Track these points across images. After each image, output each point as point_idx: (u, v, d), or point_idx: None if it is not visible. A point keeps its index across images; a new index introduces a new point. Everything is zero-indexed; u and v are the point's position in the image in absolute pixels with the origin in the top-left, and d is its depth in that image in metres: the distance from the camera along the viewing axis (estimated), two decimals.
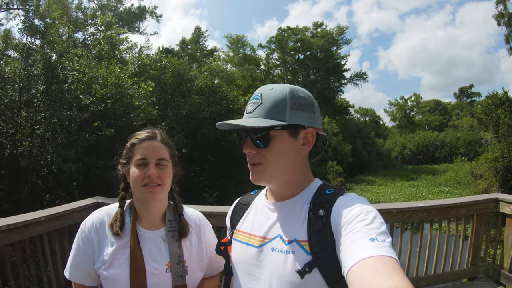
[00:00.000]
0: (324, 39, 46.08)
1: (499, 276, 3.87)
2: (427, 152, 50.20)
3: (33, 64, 9.33)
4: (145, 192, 1.39)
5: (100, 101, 10.14)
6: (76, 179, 9.78)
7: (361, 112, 71.03)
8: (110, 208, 1.50)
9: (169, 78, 15.06)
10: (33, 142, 8.75)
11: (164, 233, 1.48)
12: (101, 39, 11.79)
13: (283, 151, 1.07)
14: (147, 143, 1.44)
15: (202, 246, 1.59)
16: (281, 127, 1.04)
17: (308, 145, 1.09)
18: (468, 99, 72.60)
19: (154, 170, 1.40)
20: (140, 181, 1.39)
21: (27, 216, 2.94)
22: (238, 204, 1.35)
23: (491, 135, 18.01)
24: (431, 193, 21.72)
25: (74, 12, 23.94)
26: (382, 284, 0.69)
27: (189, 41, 41.79)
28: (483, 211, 4.00)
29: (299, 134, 1.07)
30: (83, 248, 1.42)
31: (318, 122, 1.11)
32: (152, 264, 1.39)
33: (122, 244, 1.38)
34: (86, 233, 1.42)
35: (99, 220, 1.44)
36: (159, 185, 1.41)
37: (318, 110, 1.12)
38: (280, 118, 1.04)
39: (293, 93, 1.07)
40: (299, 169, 1.12)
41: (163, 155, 1.45)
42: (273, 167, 1.08)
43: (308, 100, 1.09)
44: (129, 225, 1.43)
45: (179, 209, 1.58)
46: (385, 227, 0.88)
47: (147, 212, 1.48)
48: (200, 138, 15.78)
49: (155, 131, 1.52)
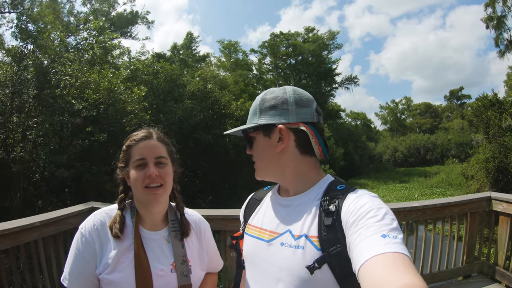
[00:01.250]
0: (315, 44, 46.36)
1: (494, 273, 3.92)
2: (418, 154, 50.65)
3: (25, 69, 9.23)
4: (148, 194, 1.37)
5: (92, 106, 10.05)
6: (69, 185, 9.69)
7: (352, 116, 71.31)
8: (110, 209, 1.45)
9: (161, 83, 15.02)
10: (25, 148, 8.65)
11: (167, 234, 1.46)
12: (93, 44, 11.72)
13: (261, 149, 1.17)
14: (143, 143, 1.41)
15: (203, 245, 1.58)
16: (253, 129, 1.17)
17: (283, 141, 1.12)
18: (458, 101, 73.24)
19: (154, 169, 1.37)
20: (141, 182, 1.36)
21: (22, 222, 2.90)
22: (251, 199, 1.41)
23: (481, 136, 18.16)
24: (423, 195, 21.87)
25: (66, 16, 23.85)
26: (394, 281, 0.69)
27: (180, 47, 41.70)
28: (476, 209, 4.06)
29: (272, 132, 1.13)
30: (83, 253, 1.33)
31: (296, 116, 1.12)
32: (157, 266, 1.36)
33: (125, 247, 1.33)
34: (87, 236, 1.33)
35: (99, 222, 1.37)
36: (161, 185, 1.39)
37: (296, 104, 1.13)
38: (253, 121, 1.17)
39: (264, 96, 1.18)
40: (288, 165, 1.15)
41: (161, 153, 1.43)
42: (259, 164, 1.20)
43: (279, 99, 1.14)
44: (131, 226, 1.39)
45: (180, 208, 1.56)
46: (397, 223, 0.88)
47: (149, 213, 1.44)
48: (193, 143, 15.74)
49: (150, 130, 1.49)
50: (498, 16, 23.69)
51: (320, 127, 1.16)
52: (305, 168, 1.15)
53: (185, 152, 14.73)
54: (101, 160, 9.89)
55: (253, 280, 1.15)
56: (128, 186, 1.47)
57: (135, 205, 1.46)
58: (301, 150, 1.15)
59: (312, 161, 1.17)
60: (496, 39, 24.50)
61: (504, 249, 3.84)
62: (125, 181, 1.47)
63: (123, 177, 1.47)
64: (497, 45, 24.68)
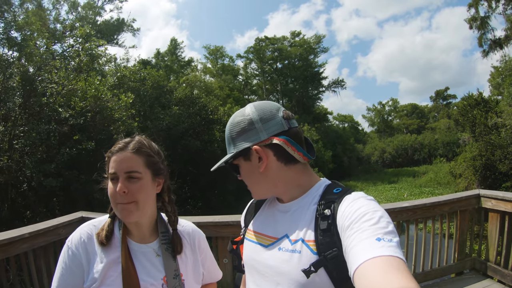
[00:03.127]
0: (301, 48, 46.65)
1: (486, 269, 3.98)
2: (406, 155, 51.10)
3: (10, 77, 9.12)
4: (120, 211, 1.27)
5: (79, 114, 9.98)
6: (57, 194, 9.57)
7: (340, 119, 71.79)
8: (98, 221, 1.37)
9: (148, 89, 14.96)
10: (11, 157, 8.54)
11: (157, 246, 1.37)
12: (80, 51, 11.63)
13: (247, 173, 1.17)
14: (116, 155, 1.29)
15: (198, 257, 1.50)
16: (232, 158, 1.16)
17: (263, 160, 1.11)
18: (444, 101, 74.14)
19: (123, 185, 1.25)
20: (113, 199, 1.26)
21: (11, 234, 2.86)
22: (251, 204, 1.40)
23: (468, 135, 18.41)
24: (413, 195, 22.05)
25: (52, 24, 23.61)
26: (388, 285, 0.69)
27: (164, 53, 41.48)
28: (466, 207, 4.11)
29: (250, 155, 1.13)
30: (70, 267, 1.26)
31: (266, 131, 1.11)
32: (147, 280, 1.28)
33: (113, 259, 1.25)
34: (73, 250, 1.27)
35: (86, 234, 1.30)
36: (134, 201, 1.26)
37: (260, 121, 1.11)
38: (230, 151, 1.17)
39: (231, 124, 1.18)
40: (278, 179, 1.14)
41: (132, 167, 1.28)
42: (252, 187, 1.20)
43: (244, 122, 1.13)
44: (118, 238, 1.30)
45: (172, 222, 1.44)
46: (392, 226, 0.88)
47: (136, 225, 1.34)
48: (181, 149, 15.70)
49: (130, 140, 1.36)
50: (482, 17, 24.10)
51: (294, 131, 1.13)
52: (295, 176, 1.15)
53: (174, 158, 14.66)
54: (89, 169, 9.78)
55: (253, 284, 1.16)
56: None
57: None
58: (285, 161, 1.13)
59: (300, 167, 1.16)
60: (479, 39, 24.91)
61: (495, 245, 3.91)
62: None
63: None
64: (480, 45, 25.08)
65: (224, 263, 3.45)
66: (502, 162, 13.69)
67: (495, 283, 3.83)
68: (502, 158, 13.73)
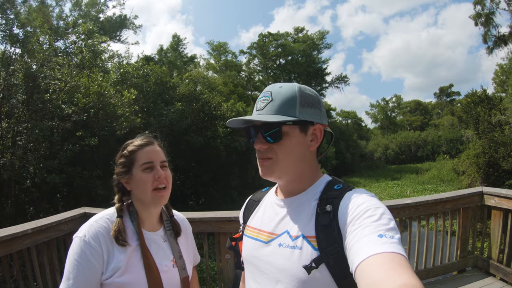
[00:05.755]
0: (305, 44, 46.48)
1: (488, 267, 3.98)
2: (409, 151, 51.02)
3: (13, 74, 9.14)
4: (155, 197, 1.46)
5: (82, 111, 9.98)
6: (60, 190, 9.61)
7: (343, 115, 71.71)
8: (109, 215, 1.45)
9: (151, 86, 14.94)
10: (15, 154, 8.55)
11: (163, 233, 1.57)
12: (82, 48, 11.61)
13: (293, 146, 1.10)
14: (150, 147, 1.50)
15: (189, 243, 1.73)
16: (292, 122, 1.07)
17: (317, 141, 1.12)
18: (448, 98, 73.89)
19: (162, 171, 1.48)
20: (150, 185, 1.44)
21: (13, 229, 2.87)
22: (250, 200, 1.40)
23: (471, 132, 18.29)
24: (415, 192, 22.06)
25: (55, 20, 23.59)
26: (391, 281, 0.69)
27: (166, 50, 41.37)
28: (468, 204, 4.11)
29: (308, 130, 1.11)
30: (89, 261, 1.30)
31: (325, 119, 1.15)
32: (162, 262, 1.46)
33: (132, 249, 1.40)
34: (93, 244, 1.32)
35: (104, 228, 1.38)
36: (165, 187, 1.48)
37: (324, 107, 1.15)
38: (291, 114, 1.07)
39: (302, 90, 1.11)
40: (308, 165, 1.14)
41: (164, 158, 1.53)
42: (282, 162, 1.10)
43: (315, 98, 1.13)
44: (133, 230, 1.45)
45: (170, 210, 1.68)
46: (394, 223, 0.88)
47: (149, 215, 1.52)
48: (184, 145, 15.70)
49: (150, 137, 1.57)
50: (486, 13, 23.94)
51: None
52: (314, 167, 1.17)
53: (177, 154, 14.68)
54: (92, 165, 9.82)
55: (253, 281, 1.15)
56: (125, 191, 1.53)
57: (136, 207, 1.51)
58: (317, 151, 1.18)
59: (317, 161, 1.19)
60: (484, 35, 24.75)
61: (497, 243, 3.90)
62: (123, 187, 1.52)
63: (119, 183, 1.52)
64: (485, 41, 24.93)
65: (226, 259, 3.45)
66: (506, 160, 13.62)
67: (497, 281, 3.83)
68: (506, 155, 13.66)
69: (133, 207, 1.51)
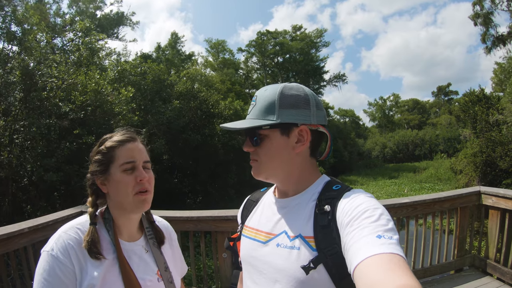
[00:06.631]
0: (303, 42, 46.38)
1: (485, 266, 3.99)
2: (407, 150, 51.11)
3: (10, 72, 9.10)
4: (138, 202, 1.24)
5: (79, 108, 9.95)
6: (58, 188, 9.58)
7: (341, 113, 71.74)
8: (80, 224, 1.23)
9: (149, 83, 14.91)
10: (12, 152, 8.53)
11: (144, 243, 1.36)
12: (80, 45, 11.58)
13: (275, 149, 1.09)
14: (131, 144, 1.28)
15: (175, 252, 1.53)
16: (270, 126, 1.06)
17: (303, 142, 1.09)
18: (445, 97, 74.04)
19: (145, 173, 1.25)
20: (131, 188, 1.22)
21: (10, 228, 2.87)
22: (248, 200, 1.38)
23: (469, 131, 18.37)
24: (413, 190, 22.10)
25: (53, 18, 23.50)
26: (389, 282, 0.69)
27: (164, 47, 41.28)
28: (466, 204, 4.12)
29: (291, 132, 1.08)
30: (59, 278, 1.11)
31: (316, 118, 1.10)
32: (145, 277, 1.26)
33: (108, 263, 1.18)
34: (62, 259, 1.11)
35: (74, 240, 1.16)
36: (147, 191, 1.26)
37: (316, 105, 1.11)
38: (269, 117, 1.07)
39: (283, 92, 1.09)
40: (298, 167, 1.13)
41: (148, 158, 1.31)
42: (266, 164, 1.12)
43: (301, 98, 1.09)
44: (108, 240, 1.23)
45: (150, 216, 1.45)
46: (392, 224, 0.87)
47: (129, 222, 1.31)
48: (182, 143, 15.70)
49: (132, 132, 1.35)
50: (485, 13, 23.95)
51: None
52: (309, 169, 1.15)
53: (174, 152, 14.66)
54: None
55: (250, 282, 1.15)
56: (100, 194, 1.31)
57: (112, 214, 1.30)
58: (311, 151, 1.14)
59: (314, 162, 1.17)
60: (483, 35, 24.77)
61: (495, 242, 3.92)
62: (97, 189, 1.30)
63: (93, 184, 1.31)
64: (484, 41, 24.96)
65: (223, 258, 3.46)
66: (503, 159, 13.70)
67: (494, 280, 3.85)
68: (503, 155, 13.75)
69: (108, 214, 1.29)
